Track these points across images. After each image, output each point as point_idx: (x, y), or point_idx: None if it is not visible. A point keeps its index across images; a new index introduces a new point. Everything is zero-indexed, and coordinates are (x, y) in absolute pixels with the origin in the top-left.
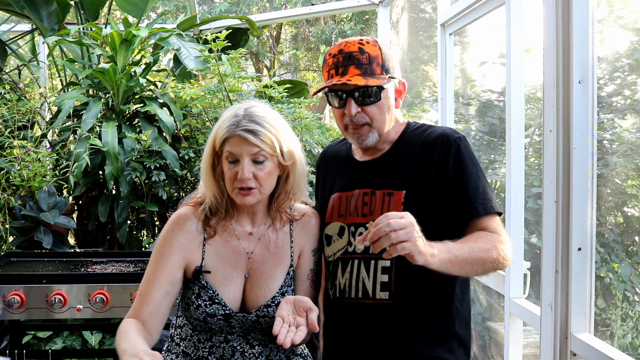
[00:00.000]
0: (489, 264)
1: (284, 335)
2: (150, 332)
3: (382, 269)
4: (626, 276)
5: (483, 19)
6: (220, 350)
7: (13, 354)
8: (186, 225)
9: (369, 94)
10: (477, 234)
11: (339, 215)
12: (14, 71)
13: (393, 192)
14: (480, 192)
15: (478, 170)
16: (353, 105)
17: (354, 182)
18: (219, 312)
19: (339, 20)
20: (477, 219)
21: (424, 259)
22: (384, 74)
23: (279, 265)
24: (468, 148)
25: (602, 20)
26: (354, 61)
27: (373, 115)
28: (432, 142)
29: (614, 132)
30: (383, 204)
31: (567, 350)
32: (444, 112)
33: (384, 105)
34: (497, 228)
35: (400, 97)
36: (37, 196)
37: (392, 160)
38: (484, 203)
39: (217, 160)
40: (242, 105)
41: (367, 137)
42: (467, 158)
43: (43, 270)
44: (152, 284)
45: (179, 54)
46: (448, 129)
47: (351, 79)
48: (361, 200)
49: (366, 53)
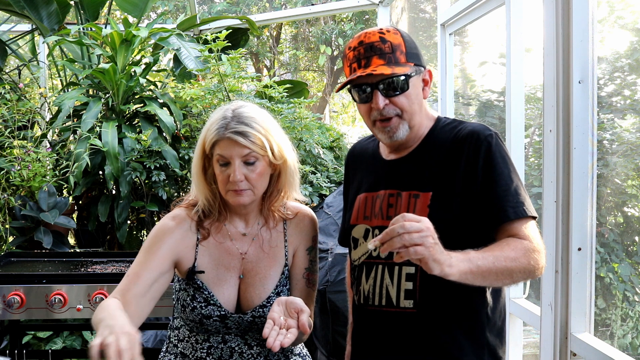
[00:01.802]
0: (517, 273)
1: (274, 338)
2: (131, 316)
3: (406, 276)
4: (626, 276)
5: (483, 19)
6: (219, 351)
7: (13, 354)
8: (181, 223)
9: (396, 85)
10: (505, 241)
11: (364, 217)
12: (14, 71)
13: (419, 193)
14: (511, 194)
15: (511, 171)
16: (380, 97)
17: (379, 182)
18: (215, 313)
19: (339, 20)
20: (508, 224)
21: (440, 269)
22: (409, 62)
23: (273, 265)
24: (500, 146)
25: (602, 21)
26: (376, 51)
27: (402, 106)
28: (462, 140)
29: (614, 132)
30: (409, 206)
31: (567, 350)
32: (444, 112)
33: (412, 95)
34: (529, 233)
35: (427, 86)
36: (37, 196)
37: (420, 159)
38: (516, 206)
39: (207, 162)
40: (230, 107)
41: (397, 130)
42: (498, 157)
43: (43, 270)
44: (142, 267)
45: (179, 54)
46: (480, 126)
47: (376, 69)
48: (386, 201)
49: (388, 42)
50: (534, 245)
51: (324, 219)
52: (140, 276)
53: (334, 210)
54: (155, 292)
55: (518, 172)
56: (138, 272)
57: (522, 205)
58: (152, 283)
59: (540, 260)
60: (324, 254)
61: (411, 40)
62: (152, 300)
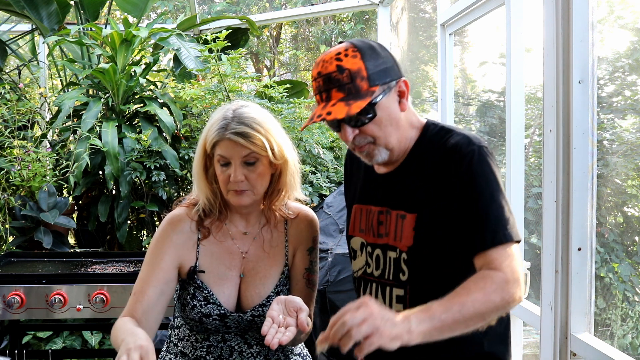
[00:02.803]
0: (489, 314)
1: (272, 335)
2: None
3: (396, 298)
4: (626, 276)
5: (483, 19)
6: (218, 350)
7: (13, 354)
8: (180, 226)
9: (362, 116)
10: (474, 279)
11: (359, 230)
12: (14, 71)
13: (406, 214)
14: (491, 219)
15: (493, 189)
16: (348, 130)
17: (371, 196)
18: (214, 312)
19: (339, 20)
20: (484, 253)
21: (400, 342)
22: (372, 87)
23: (273, 265)
24: (483, 162)
25: (602, 21)
26: (334, 83)
27: (373, 134)
28: (444, 155)
29: (614, 132)
30: (397, 226)
31: (567, 350)
32: (444, 112)
33: (383, 118)
34: (503, 262)
35: (404, 98)
36: (37, 196)
37: (407, 174)
38: (495, 232)
39: (208, 162)
40: (230, 107)
41: (374, 155)
42: (478, 175)
43: (43, 270)
44: (147, 283)
45: (179, 54)
46: (463, 138)
47: (332, 111)
48: (377, 218)
49: (346, 70)
50: (508, 277)
51: (324, 219)
52: (145, 293)
53: (334, 210)
54: (163, 303)
55: (503, 190)
56: (143, 289)
57: (503, 230)
58: (159, 296)
59: (515, 291)
60: (324, 254)
61: (375, 54)
62: (162, 311)
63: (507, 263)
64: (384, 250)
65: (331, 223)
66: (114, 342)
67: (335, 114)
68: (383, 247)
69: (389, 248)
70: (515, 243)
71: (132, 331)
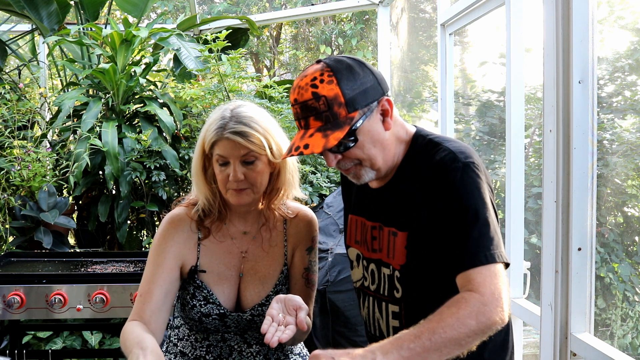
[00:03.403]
0: (465, 339)
1: (272, 334)
2: (154, 332)
3: (392, 314)
4: (626, 276)
5: (483, 19)
6: (218, 350)
7: (13, 354)
8: (181, 225)
9: (344, 143)
10: (448, 304)
11: (355, 242)
12: (14, 71)
13: (397, 232)
14: (472, 239)
15: (478, 207)
16: (331, 157)
17: (364, 209)
18: (214, 311)
19: (339, 20)
20: (464, 273)
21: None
22: (350, 113)
23: (273, 264)
24: (469, 178)
25: (602, 21)
26: (311, 112)
27: (357, 157)
28: (431, 171)
29: (614, 132)
30: (389, 243)
31: (567, 350)
32: (444, 112)
33: (365, 142)
34: (483, 283)
35: (388, 116)
36: (37, 196)
37: (397, 190)
38: (475, 253)
39: (207, 162)
40: (228, 106)
41: (361, 176)
42: (462, 194)
43: (43, 270)
44: (152, 283)
45: (179, 54)
46: (449, 154)
47: (309, 144)
48: (370, 233)
49: (322, 97)
50: (486, 299)
51: (324, 219)
52: (152, 294)
53: (334, 210)
54: (169, 302)
55: (490, 207)
56: (149, 289)
57: (485, 251)
58: (165, 295)
59: (494, 314)
60: (324, 254)
61: (353, 76)
62: (169, 310)
63: (487, 284)
64: (378, 265)
65: (331, 223)
66: (123, 349)
67: (312, 147)
68: (377, 263)
69: (383, 264)
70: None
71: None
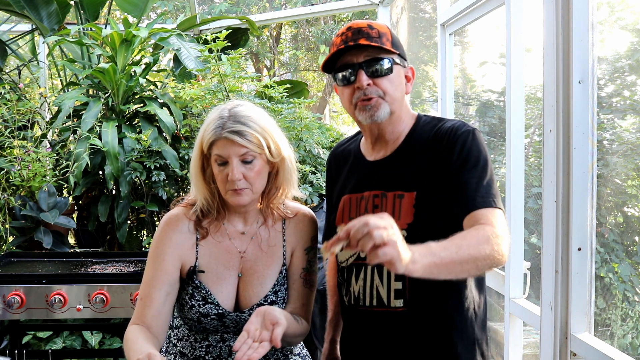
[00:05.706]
0: (481, 261)
1: (243, 352)
2: (156, 335)
3: (395, 276)
4: (626, 276)
5: (483, 19)
6: (217, 350)
7: (13, 354)
8: (179, 226)
9: (380, 66)
10: (468, 230)
11: (349, 219)
12: (14, 71)
13: (404, 193)
14: (482, 186)
15: (485, 165)
16: (364, 76)
17: (364, 183)
18: (212, 311)
19: (339, 20)
20: (474, 212)
21: (404, 267)
22: (394, 50)
23: (271, 264)
24: (477, 141)
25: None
26: (364, 34)
27: (385, 88)
28: (441, 137)
29: (614, 132)
30: (394, 206)
31: (567, 350)
32: (444, 112)
33: (395, 81)
34: (494, 220)
35: (409, 83)
36: (37, 196)
37: (403, 159)
38: (485, 197)
39: (206, 162)
40: (226, 106)
41: (378, 109)
42: (473, 150)
43: (43, 270)
44: (152, 286)
45: (179, 54)
46: (459, 122)
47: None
48: (372, 202)
49: (375, 29)
50: (497, 231)
51: (324, 219)
52: (152, 297)
53: None
54: (170, 304)
55: (493, 169)
56: (149, 293)
57: (493, 197)
58: (165, 297)
59: (503, 247)
60: None
61: (397, 38)
62: (170, 311)
63: (496, 221)
64: None
65: None
66: (127, 355)
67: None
68: None
69: None
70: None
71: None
